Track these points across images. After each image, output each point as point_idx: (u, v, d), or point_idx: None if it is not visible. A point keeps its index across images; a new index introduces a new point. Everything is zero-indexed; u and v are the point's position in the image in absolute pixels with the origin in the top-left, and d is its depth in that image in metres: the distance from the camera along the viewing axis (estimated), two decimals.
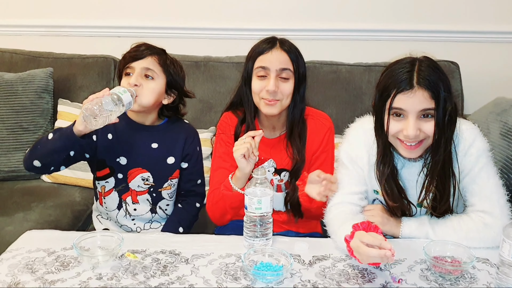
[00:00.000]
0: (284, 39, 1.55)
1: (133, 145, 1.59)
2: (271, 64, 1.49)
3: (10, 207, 1.92)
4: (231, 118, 1.64)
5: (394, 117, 1.26)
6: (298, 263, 1.24)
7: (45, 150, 1.44)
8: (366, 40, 2.32)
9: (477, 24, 2.29)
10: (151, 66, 1.53)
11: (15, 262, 1.23)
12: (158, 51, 1.58)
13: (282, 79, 1.50)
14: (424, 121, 1.24)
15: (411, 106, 1.23)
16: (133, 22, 2.41)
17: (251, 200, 1.28)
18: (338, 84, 2.22)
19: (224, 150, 1.60)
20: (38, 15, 2.46)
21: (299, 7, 2.35)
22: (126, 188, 1.61)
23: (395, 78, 1.25)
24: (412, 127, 1.22)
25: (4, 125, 2.14)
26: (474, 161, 1.32)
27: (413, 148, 1.27)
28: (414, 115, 1.23)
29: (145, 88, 1.50)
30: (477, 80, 2.27)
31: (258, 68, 1.51)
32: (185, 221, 1.65)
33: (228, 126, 1.63)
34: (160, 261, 1.24)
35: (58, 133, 1.42)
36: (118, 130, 1.59)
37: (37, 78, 2.20)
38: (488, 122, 1.80)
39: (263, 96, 1.50)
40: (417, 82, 1.22)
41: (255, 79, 1.52)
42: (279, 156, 1.60)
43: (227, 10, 2.38)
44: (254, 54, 1.53)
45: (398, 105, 1.24)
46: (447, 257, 1.22)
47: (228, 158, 1.58)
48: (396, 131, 1.27)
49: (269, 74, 1.49)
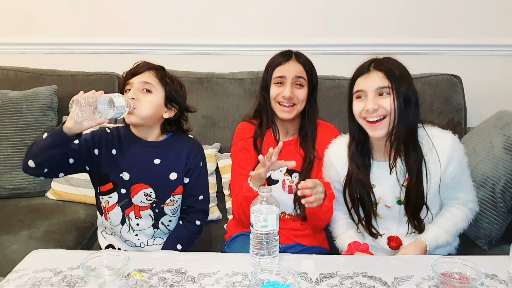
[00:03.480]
0: (299, 53, 1.74)
1: (136, 160, 1.60)
2: (287, 73, 1.68)
3: (15, 225, 1.92)
4: (247, 126, 1.77)
5: (357, 100, 1.48)
6: (305, 281, 1.23)
7: (37, 149, 1.44)
8: (368, 55, 2.30)
9: (479, 38, 2.30)
10: (148, 80, 1.56)
11: (21, 283, 1.23)
12: (155, 66, 1.63)
13: (297, 85, 1.68)
14: (382, 98, 1.44)
15: (368, 85, 1.45)
16: (137, 40, 2.43)
17: (257, 218, 1.28)
18: (340, 99, 2.22)
19: (242, 157, 1.72)
20: (42, 33, 2.48)
21: (302, 23, 2.37)
22: (129, 203, 1.62)
23: (357, 69, 1.52)
24: (370, 101, 1.43)
25: (9, 142, 2.15)
26: (458, 166, 1.50)
27: (376, 125, 1.44)
28: (372, 93, 1.44)
29: (143, 100, 1.53)
30: (479, 94, 2.28)
31: (276, 78, 1.69)
32: (183, 239, 1.65)
33: (244, 132, 1.75)
34: (166, 280, 1.24)
35: (50, 132, 1.43)
36: (122, 145, 1.61)
37: (42, 96, 2.21)
38: (491, 136, 1.80)
39: (279, 100, 1.67)
40: (373, 66, 1.48)
41: (273, 86, 1.69)
42: (291, 158, 1.61)
43: (229, 26, 2.40)
44: (273, 65, 1.71)
45: (358, 88, 1.48)
46: (455, 273, 1.21)
47: (245, 164, 1.71)
48: (359, 110, 1.47)
49: (285, 82, 1.68)
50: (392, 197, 1.52)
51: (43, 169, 1.47)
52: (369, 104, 1.43)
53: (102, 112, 1.34)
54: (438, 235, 1.49)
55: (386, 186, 1.51)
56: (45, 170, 1.47)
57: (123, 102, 1.41)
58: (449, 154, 1.48)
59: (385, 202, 1.53)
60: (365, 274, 1.26)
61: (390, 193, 1.51)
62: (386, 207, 1.53)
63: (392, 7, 2.32)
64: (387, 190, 1.52)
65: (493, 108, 2.03)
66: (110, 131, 1.65)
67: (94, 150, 1.59)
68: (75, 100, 1.32)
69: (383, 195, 1.53)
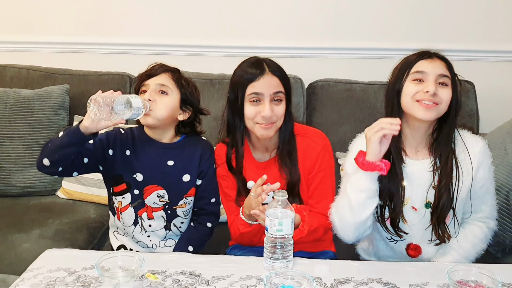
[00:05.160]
0: (270, 61, 1.54)
1: (150, 162, 1.60)
2: (264, 89, 1.49)
3: (26, 223, 1.92)
4: (222, 149, 1.65)
5: (415, 82, 1.43)
6: (320, 286, 1.23)
7: (53, 147, 1.45)
8: (380, 59, 2.33)
9: (492, 43, 2.29)
10: (165, 82, 1.56)
11: (36, 282, 1.23)
12: (172, 68, 1.62)
13: (276, 101, 1.51)
14: (440, 87, 1.42)
15: (431, 69, 1.42)
16: (149, 40, 2.44)
17: (272, 221, 1.27)
18: (352, 102, 2.22)
19: (225, 184, 1.64)
20: (55, 32, 2.49)
21: (313, 25, 2.37)
22: (142, 204, 1.62)
23: (416, 54, 1.47)
24: (431, 83, 1.40)
25: (21, 141, 2.15)
26: (488, 173, 1.48)
27: (430, 107, 1.40)
28: (433, 77, 1.41)
29: (159, 102, 1.53)
30: (492, 100, 2.27)
31: (251, 95, 1.49)
32: (195, 241, 1.66)
33: (220, 158, 1.64)
34: (180, 283, 1.24)
35: (67, 130, 1.44)
36: (136, 146, 1.61)
37: (54, 95, 2.22)
38: (506, 143, 1.79)
39: (258, 121, 1.50)
40: (434, 54, 1.46)
41: (248, 105, 1.51)
42: (274, 178, 1.57)
43: (241, 28, 2.40)
44: (244, 81, 1.50)
45: (420, 69, 1.43)
46: (470, 281, 1.21)
47: (230, 191, 1.63)
48: (416, 91, 1.42)
49: (262, 99, 1.49)
50: (421, 198, 1.48)
51: (57, 168, 1.47)
52: (430, 86, 1.39)
53: (119, 113, 1.34)
54: (456, 260, 1.47)
55: (416, 185, 1.48)
56: (59, 169, 1.48)
57: (140, 103, 1.41)
58: (480, 158, 1.47)
59: (413, 203, 1.48)
60: (380, 280, 1.25)
61: (420, 193, 1.48)
62: (413, 210, 1.48)
63: (404, 12, 2.31)
64: (417, 190, 1.48)
65: (505, 114, 2.02)
66: (124, 132, 1.65)
67: (109, 150, 1.60)
68: (93, 99, 1.33)
69: (412, 194, 1.48)
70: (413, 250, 1.51)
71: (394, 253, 1.55)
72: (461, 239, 1.50)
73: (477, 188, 1.48)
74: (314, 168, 1.58)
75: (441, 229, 1.46)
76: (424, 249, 1.51)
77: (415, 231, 1.49)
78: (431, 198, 1.47)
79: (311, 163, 1.58)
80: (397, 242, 1.52)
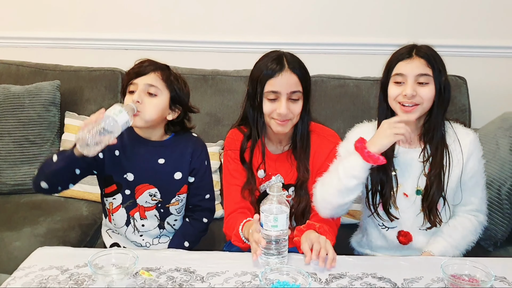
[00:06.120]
0: (291, 56, 1.53)
1: (140, 161, 1.59)
2: (282, 88, 1.49)
3: (17, 221, 1.90)
4: (237, 134, 1.65)
5: (395, 84, 1.48)
6: (315, 282, 1.23)
7: (50, 171, 1.46)
8: (373, 54, 2.33)
9: (484, 39, 2.30)
10: (154, 82, 1.52)
11: (28, 280, 1.21)
12: (161, 66, 1.57)
13: (293, 100, 1.51)
14: (421, 86, 1.45)
15: (409, 70, 1.45)
16: (141, 35, 2.42)
17: (267, 217, 1.27)
18: (345, 98, 2.22)
19: (233, 167, 1.62)
20: (45, 27, 2.46)
21: (307, 21, 2.36)
22: (134, 204, 1.61)
23: (399, 52, 1.50)
24: (409, 87, 1.43)
25: (11, 138, 2.13)
26: (477, 165, 1.52)
27: (410, 110, 1.45)
28: (412, 79, 1.44)
29: (148, 104, 1.50)
30: (484, 95, 2.29)
31: (268, 93, 1.50)
32: (191, 236, 1.65)
33: (234, 142, 1.63)
34: (175, 279, 1.23)
35: (62, 155, 1.45)
36: (125, 146, 1.59)
37: (44, 91, 2.19)
38: (497, 138, 1.80)
39: (274, 116, 1.52)
40: (415, 53, 1.46)
41: (266, 102, 1.52)
42: (286, 171, 1.60)
43: (235, 24, 2.39)
44: (263, 77, 1.50)
45: (399, 71, 1.47)
46: (464, 275, 1.21)
47: (237, 174, 1.60)
48: (396, 94, 1.47)
49: (279, 98, 1.50)
50: (412, 185, 1.51)
51: (56, 188, 1.51)
52: (408, 89, 1.43)
53: (109, 134, 1.34)
54: (446, 249, 1.49)
55: (408, 172, 1.51)
56: (58, 189, 1.51)
57: (126, 117, 1.38)
58: (471, 148, 1.51)
59: (404, 189, 1.51)
60: (375, 275, 1.25)
61: (411, 181, 1.51)
62: (404, 196, 1.52)
63: (397, 7, 2.32)
64: (409, 177, 1.51)
65: (497, 109, 2.03)
66: None
67: (99, 154, 1.56)
68: (80, 139, 1.31)
69: (403, 181, 1.51)
70: (403, 237, 1.54)
71: (386, 241, 1.58)
72: (451, 229, 1.53)
73: (466, 179, 1.51)
74: (325, 163, 1.59)
75: (432, 213, 1.50)
76: (414, 237, 1.54)
77: (406, 217, 1.53)
78: (422, 186, 1.51)
79: (321, 161, 1.59)
80: (388, 230, 1.56)
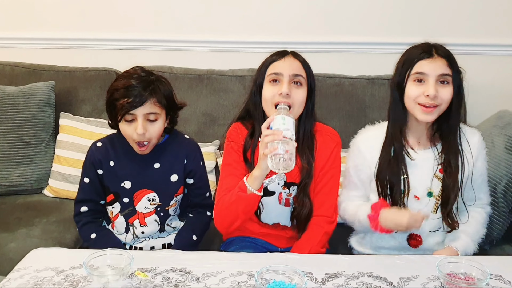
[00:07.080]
0: (296, 52, 1.57)
1: (136, 167, 1.60)
2: (284, 70, 1.47)
3: (13, 222, 1.89)
4: (241, 128, 1.63)
5: (416, 83, 1.45)
6: (311, 281, 1.23)
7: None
8: (369, 53, 2.33)
9: (479, 37, 2.30)
10: (152, 110, 1.50)
11: (23, 282, 1.21)
12: (151, 89, 1.50)
13: (295, 84, 1.48)
14: (441, 87, 1.43)
15: (432, 70, 1.42)
16: (136, 35, 2.40)
17: (276, 119, 1.33)
18: (341, 97, 2.22)
19: (235, 158, 1.58)
20: (39, 28, 2.44)
21: (302, 20, 2.36)
22: (133, 212, 1.62)
23: (416, 50, 1.46)
24: (432, 86, 1.41)
25: (6, 139, 2.11)
26: (484, 163, 1.56)
27: (430, 110, 1.43)
28: (434, 78, 1.42)
29: (152, 131, 1.52)
30: (479, 93, 2.27)
31: (270, 75, 1.48)
32: (198, 230, 1.67)
33: (238, 135, 1.61)
34: (170, 280, 1.23)
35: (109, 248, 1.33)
36: (118, 155, 1.61)
37: (39, 92, 2.18)
38: (493, 136, 1.80)
39: (275, 100, 1.47)
40: (436, 52, 1.45)
41: (267, 85, 1.49)
42: None
43: (230, 23, 2.38)
44: (266, 63, 1.52)
45: (420, 70, 1.44)
46: (460, 273, 1.22)
47: (238, 166, 1.58)
48: (417, 94, 1.44)
49: (281, 80, 1.47)
50: (423, 187, 1.50)
51: None
52: (430, 90, 1.41)
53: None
54: (468, 245, 1.51)
55: (419, 175, 1.50)
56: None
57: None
58: (479, 148, 1.54)
59: (415, 192, 1.50)
60: (371, 274, 1.25)
61: (422, 183, 1.50)
62: (416, 199, 1.50)
63: (394, 5, 2.31)
64: (420, 179, 1.50)
65: (492, 107, 2.03)
66: (102, 144, 1.64)
67: (98, 171, 1.61)
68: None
69: (414, 184, 1.50)
70: (414, 240, 1.54)
71: (394, 241, 1.56)
72: (466, 224, 1.55)
73: (476, 177, 1.53)
74: (326, 164, 1.58)
75: (450, 217, 1.49)
76: (425, 240, 1.53)
77: None
78: (433, 188, 1.50)
79: (325, 159, 1.59)
80: (397, 232, 1.52)
